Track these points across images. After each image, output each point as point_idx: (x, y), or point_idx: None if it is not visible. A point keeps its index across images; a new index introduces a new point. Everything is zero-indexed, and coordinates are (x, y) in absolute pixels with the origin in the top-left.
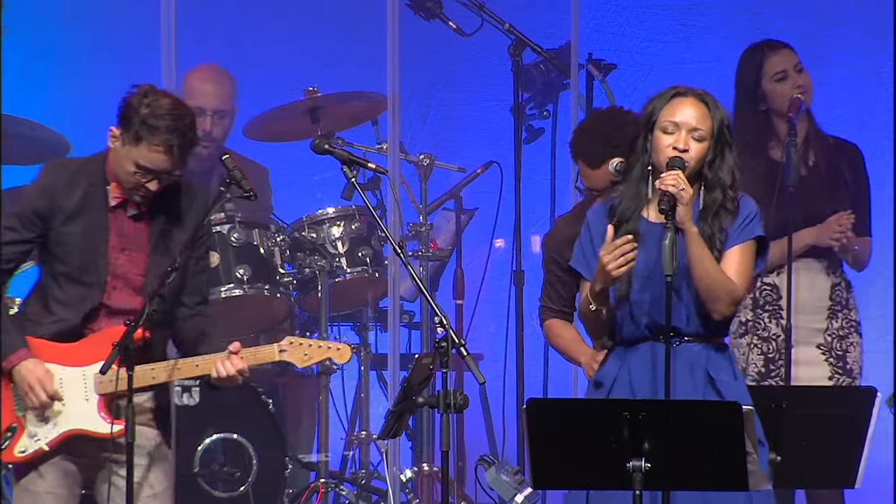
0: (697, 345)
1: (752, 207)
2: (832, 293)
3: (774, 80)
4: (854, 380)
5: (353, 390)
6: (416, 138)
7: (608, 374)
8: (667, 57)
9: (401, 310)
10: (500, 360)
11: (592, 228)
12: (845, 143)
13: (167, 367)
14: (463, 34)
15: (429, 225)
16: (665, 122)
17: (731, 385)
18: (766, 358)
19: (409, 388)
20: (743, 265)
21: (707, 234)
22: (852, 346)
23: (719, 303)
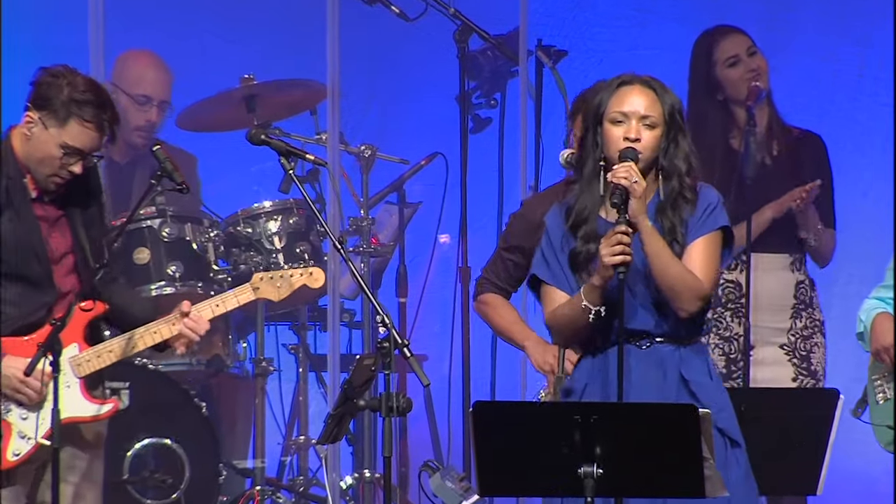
0: (669, 346)
1: (713, 196)
2: (796, 291)
3: (727, 66)
4: (818, 381)
5: (291, 392)
6: (357, 128)
7: (579, 381)
8: (620, 43)
9: (341, 308)
10: (446, 361)
11: (552, 233)
12: (809, 135)
13: (124, 341)
14: (406, 19)
15: (370, 219)
16: (613, 112)
17: (706, 386)
18: (728, 358)
19: (350, 391)
20: (708, 258)
21: (667, 226)
22: (816, 347)
23: (683, 300)
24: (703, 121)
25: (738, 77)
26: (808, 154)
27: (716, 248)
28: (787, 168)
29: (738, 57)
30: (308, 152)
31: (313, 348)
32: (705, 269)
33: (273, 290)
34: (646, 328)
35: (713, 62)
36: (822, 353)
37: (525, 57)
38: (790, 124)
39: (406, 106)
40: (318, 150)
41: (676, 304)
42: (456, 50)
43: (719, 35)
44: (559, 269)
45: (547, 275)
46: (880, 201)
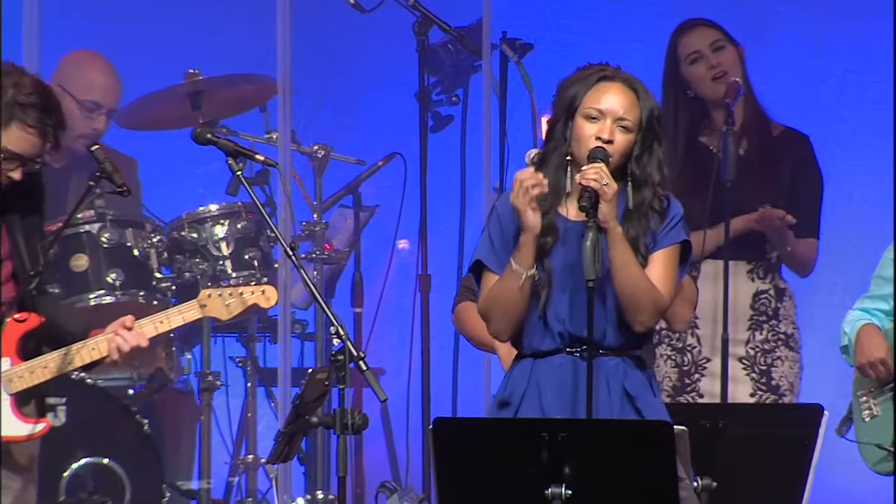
0: (613, 358)
1: (678, 209)
2: (754, 301)
3: (689, 63)
4: (781, 397)
5: (239, 409)
6: (309, 127)
7: (515, 390)
8: (590, 35)
9: (293, 319)
10: (404, 374)
11: (503, 221)
12: (793, 133)
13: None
14: (362, 10)
15: (324, 224)
16: (589, 108)
17: (651, 403)
18: (681, 371)
19: (302, 407)
20: (668, 272)
21: (632, 236)
22: (779, 361)
23: (642, 313)
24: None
25: (700, 74)
26: (789, 154)
27: (675, 261)
28: (760, 169)
29: (700, 53)
30: (257, 152)
31: (263, 361)
32: (665, 283)
33: (222, 308)
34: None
35: (677, 59)
36: (787, 367)
37: (489, 50)
38: (775, 121)
39: (362, 103)
40: (269, 149)
41: (635, 317)
42: (415, 43)
43: (683, 30)
44: (506, 259)
45: (493, 261)
46: (866, 205)
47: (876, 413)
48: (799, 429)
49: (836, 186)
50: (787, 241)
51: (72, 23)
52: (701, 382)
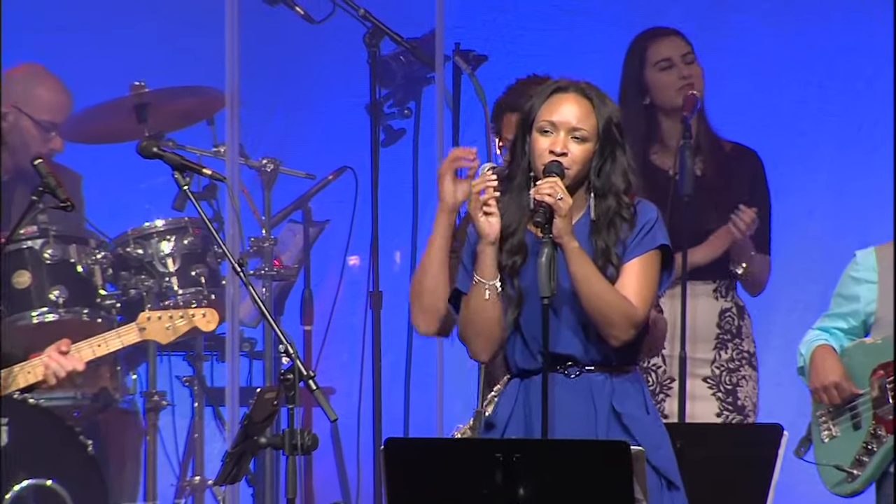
0: (600, 374)
1: (651, 213)
2: (720, 320)
3: (657, 70)
4: (746, 417)
5: (186, 429)
6: (258, 140)
7: (501, 412)
8: (546, 47)
9: (241, 337)
10: (355, 394)
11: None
12: (744, 150)
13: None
14: (312, 21)
15: (273, 239)
16: (542, 122)
17: (640, 420)
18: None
19: (250, 427)
20: (644, 280)
21: (602, 248)
22: (744, 381)
23: (614, 327)
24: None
25: (668, 82)
26: (742, 171)
27: (653, 268)
28: (716, 188)
29: (672, 61)
30: (205, 166)
31: (210, 381)
32: (640, 293)
33: (161, 331)
34: (573, 354)
35: (644, 63)
36: (750, 386)
37: (441, 62)
38: (724, 138)
39: (312, 116)
40: (216, 163)
41: (607, 331)
42: (366, 55)
43: (656, 36)
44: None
45: (468, 287)
46: (827, 220)
47: (835, 434)
48: (758, 449)
49: (796, 202)
50: (749, 248)
51: (13, 34)
52: (666, 403)
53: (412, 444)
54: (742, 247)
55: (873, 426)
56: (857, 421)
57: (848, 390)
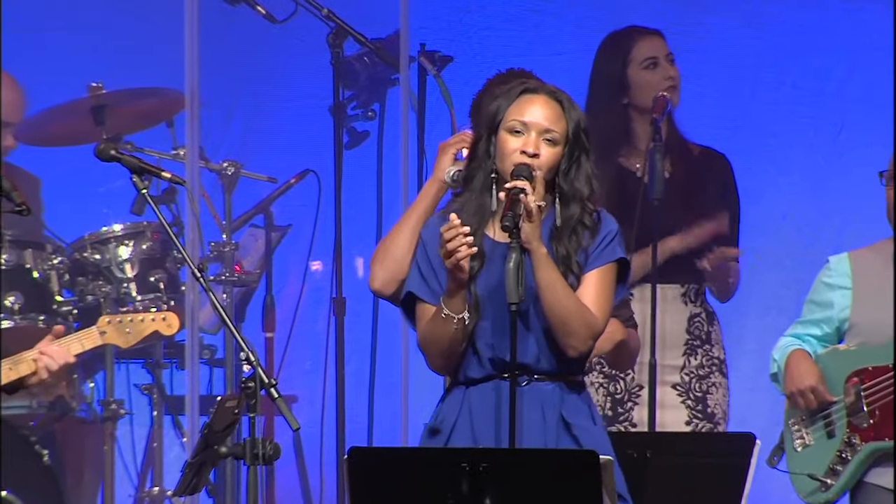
0: (550, 384)
1: (612, 225)
2: (689, 325)
3: (643, 68)
4: (716, 425)
5: (145, 438)
6: (219, 143)
7: (446, 418)
8: (512, 47)
9: (201, 344)
10: (318, 402)
11: (430, 248)
12: (712, 153)
13: None
14: (274, 21)
15: (234, 244)
16: (512, 121)
17: (589, 431)
18: (614, 399)
19: (211, 436)
20: (603, 292)
21: (563, 254)
22: (714, 388)
23: (574, 337)
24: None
25: (653, 82)
26: (710, 175)
27: (611, 281)
28: (684, 191)
29: (657, 60)
30: (164, 169)
31: (169, 389)
32: (600, 304)
33: (121, 335)
34: (526, 362)
35: (628, 61)
36: (721, 394)
37: (406, 63)
38: (692, 141)
39: (274, 118)
40: (176, 166)
41: (567, 341)
42: (329, 55)
43: (639, 34)
44: (438, 287)
45: (425, 292)
46: (801, 224)
47: (808, 442)
48: (730, 458)
49: (769, 205)
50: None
51: None
52: (634, 411)
53: (376, 454)
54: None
55: (847, 434)
56: (831, 429)
57: (824, 395)
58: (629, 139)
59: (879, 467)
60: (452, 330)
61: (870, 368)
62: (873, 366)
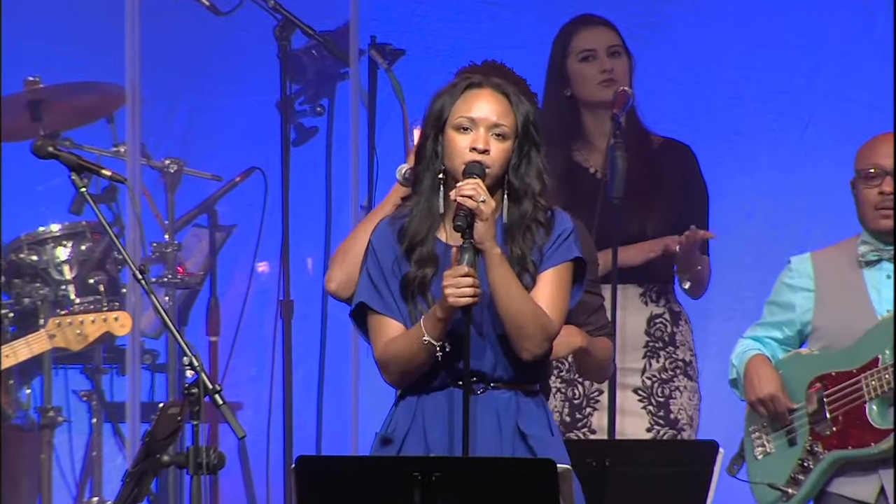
0: (505, 392)
1: (567, 223)
2: (650, 326)
3: (579, 60)
4: (680, 432)
5: (83, 446)
6: (161, 139)
7: (399, 427)
8: (467, 40)
9: (142, 349)
10: (264, 409)
11: (381, 255)
12: (675, 144)
13: None
14: (218, 13)
15: (177, 245)
16: (459, 118)
17: (546, 441)
18: (572, 405)
19: (152, 444)
20: (558, 293)
21: (517, 254)
22: (678, 392)
23: (529, 340)
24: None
25: (588, 75)
26: (672, 166)
27: (567, 281)
28: (643, 186)
29: (594, 53)
30: (104, 167)
31: (109, 395)
32: (555, 306)
33: (72, 337)
34: (480, 369)
35: (567, 52)
36: (685, 398)
37: (356, 57)
38: (654, 133)
39: (218, 113)
40: (116, 164)
41: (521, 344)
42: (276, 48)
43: (581, 24)
44: (390, 297)
45: (378, 303)
46: (765, 224)
47: (769, 450)
48: (692, 467)
49: (732, 205)
50: (698, 261)
51: None
52: (593, 417)
53: (325, 462)
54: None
55: (809, 442)
56: (793, 437)
57: (785, 403)
58: (582, 134)
59: (843, 476)
60: (428, 357)
61: (833, 374)
62: (836, 371)
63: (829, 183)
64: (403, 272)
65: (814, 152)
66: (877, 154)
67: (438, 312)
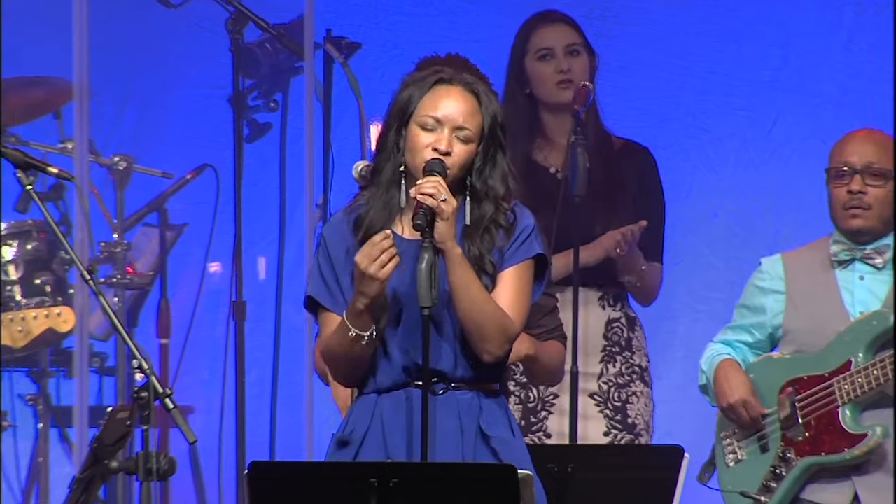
0: (467, 392)
1: (528, 220)
2: (607, 331)
3: (537, 59)
4: (637, 437)
5: (29, 452)
6: (110, 136)
7: (357, 428)
8: (425, 34)
9: (90, 351)
10: (216, 413)
11: (332, 249)
12: (635, 147)
13: None
14: (169, 5)
15: (126, 244)
16: (425, 116)
17: (508, 443)
18: (527, 408)
19: (101, 450)
20: (519, 293)
21: (474, 254)
22: (635, 397)
23: (490, 341)
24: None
25: (545, 74)
26: (631, 169)
27: (528, 279)
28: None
29: (552, 51)
30: (51, 164)
31: (56, 399)
32: (516, 305)
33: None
34: (441, 369)
35: (525, 50)
36: (642, 403)
37: (312, 50)
38: (615, 134)
39: (169, 109)
40: (64, 161)
41: (482, 345)
42: (229, 42)
43: (540, 21)
44: (339, 292)
45: (326, 299)
46: (733, 224)
47: (741, 457)
48: (657, 472)
49: (698, 204)
50: (639, 261)
51: None
52: (549, 421)
53: (279, 468)
54: (631, 258)
55: (782, 448)
56: (765, 443)
57: (756, 408)
58: (541, 132)
59: (816, 483)
60: (360, 348)
61: (805, 378)
62: (808, 374)
63: (797, 181)
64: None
65: (781, 149)
66: (847, 152)
67: (358, 303)
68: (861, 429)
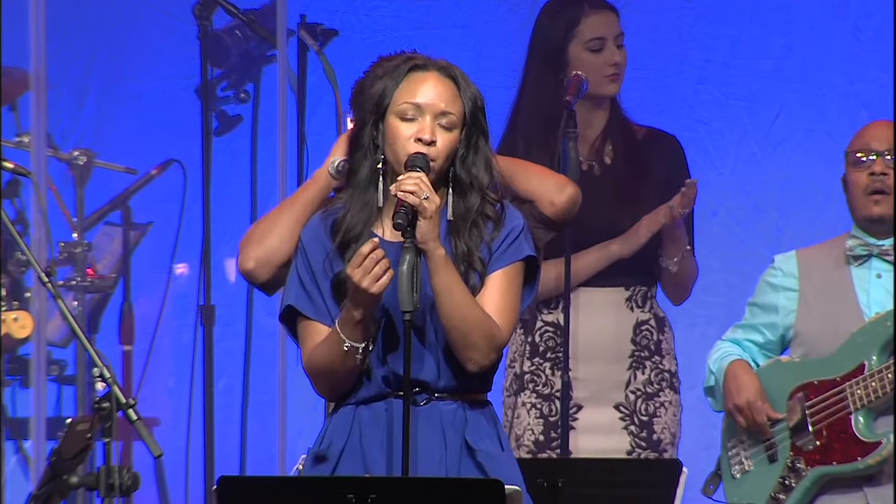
0: (451, 403)
1: (518, 220)
2: (636, 334)
3: (587, 48)
4: (663, 453)
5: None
6: (69, 129)
7: (334, 443)
8: (404, 20)
9: (48, 359)
10: (183, 425)
11: (311, 254)
12: (661, 135)
13: None
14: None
15: (86, 244)
16: (403, 105)
17: (496, 457)
18: (548, 422)
19: (59, 464)
20: (508, 298)
21: (462, 250)
22: (663, 408)
23: (475, 349)
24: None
25: (596, 66)
26: (658, 158)
27: (517, 284)
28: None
29: (605, 42)
30: (6, 159)
31: (12, 410)
32: (504, 311)
33: None
34: (425, 379)
35: (572, 36)
36: (670, 414)
37: (284, 38)
38: (638, 123)
39: (133, 101)
40: (20, 155)
41: (466, 353)
42: (196, 29)
43: (590, 6)
44: (321, 300)
45: (308, 307)
46: (733, 223)
47: (748, 468)
48: (653, 489)
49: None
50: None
51: None
52: (569, 436)
53: (249, 483)
54: (675, 235)
55: (791, 458)
56: (773, 452)
57: (765, 411)
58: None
59: (827, 495)
60: (354, 361)
61: (815, 382)
62: (819, 379)
63: (802, 176)
64: (336, 270)
65: (785, 143)
66: (869, 136)
67: (355, 313)
68: (875, 436)
